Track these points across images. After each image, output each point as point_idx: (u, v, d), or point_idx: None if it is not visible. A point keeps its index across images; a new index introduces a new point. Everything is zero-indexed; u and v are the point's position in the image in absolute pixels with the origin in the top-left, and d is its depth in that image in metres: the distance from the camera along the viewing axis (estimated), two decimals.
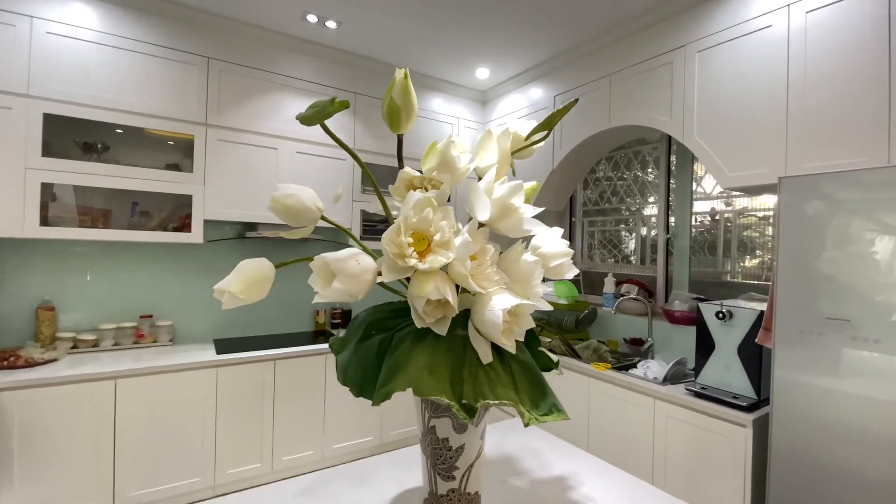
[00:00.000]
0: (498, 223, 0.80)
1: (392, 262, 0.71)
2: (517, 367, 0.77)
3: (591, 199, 3.40)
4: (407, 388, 0.67)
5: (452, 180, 0.81)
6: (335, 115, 2.82)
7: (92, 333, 2.30)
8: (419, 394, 0.66)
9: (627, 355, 2.65)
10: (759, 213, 2.50)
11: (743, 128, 1.93)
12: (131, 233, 2.25)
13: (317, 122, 0.60)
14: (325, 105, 0.57)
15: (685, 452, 1.89)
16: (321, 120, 0.60)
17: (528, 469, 1.09)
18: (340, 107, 0.58)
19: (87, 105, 2.11)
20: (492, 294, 0.73)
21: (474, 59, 2.87)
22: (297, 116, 0.61)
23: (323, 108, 0.57)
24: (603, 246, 3.33)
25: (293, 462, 2.47)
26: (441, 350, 0.73)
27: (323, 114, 0.58)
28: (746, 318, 1.82)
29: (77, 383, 1.92)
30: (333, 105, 0.57)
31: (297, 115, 0.61)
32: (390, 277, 0.70)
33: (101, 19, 2.16)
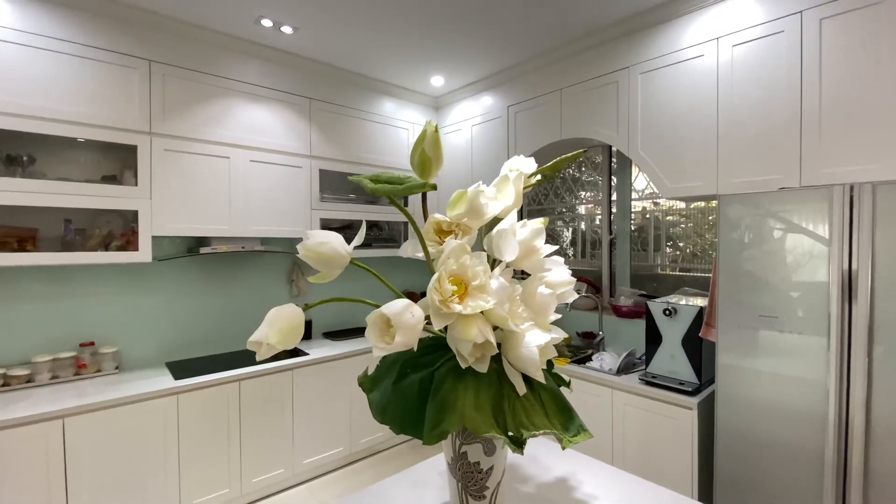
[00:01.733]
0: (521, 263, 0.87)
1: (438, 309, 0.76)
2: (546, 395, 0.85)
3: (534, 198, 3.60)
4: (461, 428, 0.73)
5: (478, 224, 0.87)
6: (290, 120, 2.72)
7: (24, 368, 2.05)
8: (477, 432, 0.73)
9: (581, 348, 2.87)
10: (682, 211, 2.82)
11: (681, 144, 2.17)
12: (67, 255, 2.04)
13: (399, 195, 0.63)
14: (414, 186, 0.60)
15: (640, 435, 2.12)
16: (402, 195, 0.62)
17: (532, 474, 1.19)
18: (431, 189, 0.61)
19: (8, 114, 1.86)
20: (524, 331, 0.81)
21: (429, 66, 2.90)
22: (367, 188, 0.64)
23: (409, 188, 0.60)
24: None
25: (263, 483, 2.40)
26: (483, 386, 0.80)
27: (407, 192, 0.60)
28: (689, 314, 2.07)
29: (18, 427, 1.72)
30: (425, 187, 0.60)
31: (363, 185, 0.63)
32: (440, 324, 0.74)
33: (20, 17, 1.90)
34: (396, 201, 0.71)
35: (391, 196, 0.67)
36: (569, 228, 3.42)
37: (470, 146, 3.27)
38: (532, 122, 2.86)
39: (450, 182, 3.44)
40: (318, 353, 2.69)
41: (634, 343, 2.72)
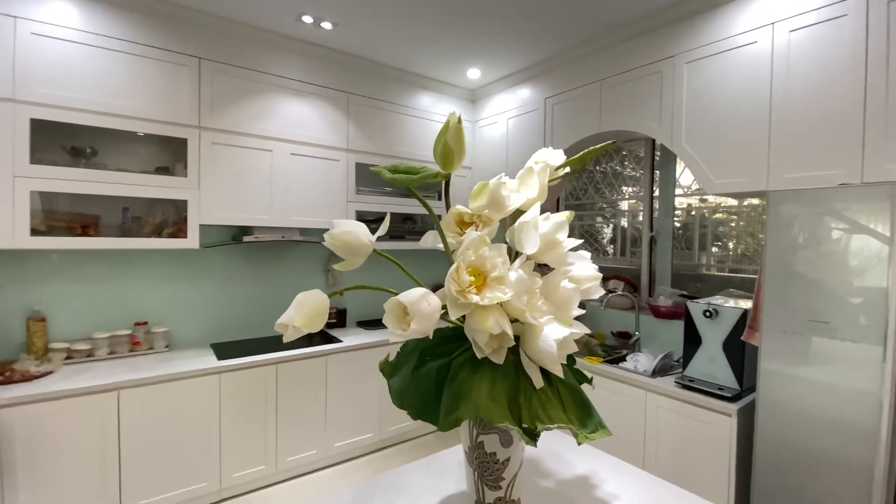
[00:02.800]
0: (543, 256, 0.86)
1: (454, 299, 0.76)
2: (564, 389, 0.84)
3: (572, 193, 3.52)
4: (475, 417, 0.74)
5: (500, 217, 0.87)
6: (329, 115, 2.80)
7: (86, 343, 2.24)
8: (490, 422, 0.73)
9: (615, 348, 2.80)
10: (731, 209, 2.67)
11: (728, 138, 2.05)
12: (124, 240, 2.20)
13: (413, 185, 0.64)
14: (427, 176, 0.61)
15: (674, 440, 2.04)
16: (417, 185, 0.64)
17: (553, 470, 1.18)
18: (443, 178, 0.62)
19: (74, 109, 2.03)
20: (543, 325, 0.80)
21: (466, 59, 2.89)
22: (386, 177, 0.65)
23: (423, 178, 0.61)
24: (583, 238, 3.46)
25: (297, 462, 2.51)
26: (499, 377, 0.80)
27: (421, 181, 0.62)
28: (731, 316, 1.97)
29: (79, 396, 1.89)
30: (438, 177, 0.61)
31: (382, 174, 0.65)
32: (457, 314, 0.75)
33: (85, 19, 2.06)
34: (414, 191, 0.72)
35: (407, 186, 0.68)
36: (609, 225, 3.32)
37: (506, 139, 3.24)
38: (570, 115, 2.79)
39: (485, 175, 3.43)
40: (352, 340, 2.77)
41: (672, 345, 2.62)
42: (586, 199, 3.43)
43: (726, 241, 2.73)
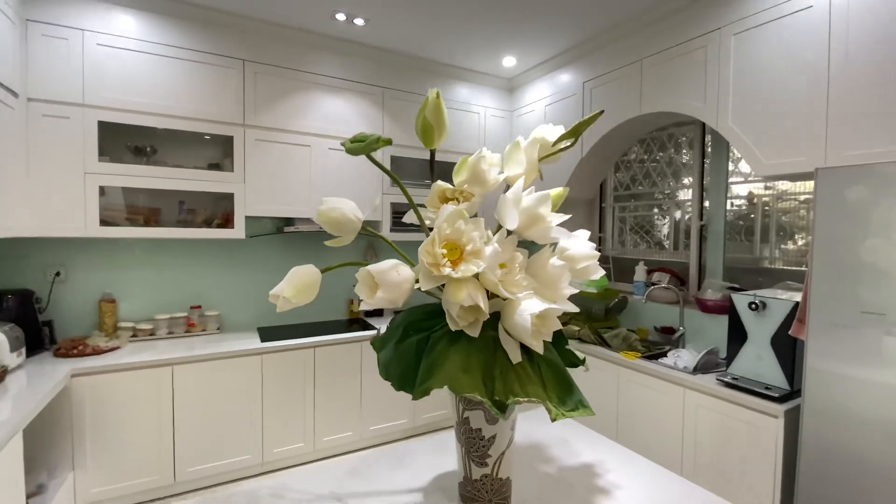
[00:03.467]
0: (526, 231, 0.85)
1: (428, 271, 0.77)
2: (545, 366, 0.82)
3: (622, 182, 3.35)
4: (444, 386, 0.74)
5: (483, 192, 0.86)
6: (364, 110, 2.89)
7: (149, 323, 2.49)
8: (455, 391, 0.73)
9: (658, 344, 2.65)
10: (800, 197, 2.42)
11: (780, 114, 1.87)
12: (179, 230, 2.41)
13: (362, 153, 0.67)
14: (372, 142, 0.63)
15: (715, 442, 1.91)
16: (366, 153, 0.66)
17: (557, 456, 1.15)
18: (385, 144, 0.64)
19: (135, 111, 2.26)
20: (521, 299, 0.79)
21: (501, 47, 2.85)
22: (345, 147, 0.68)
23: (369, 144, 0.63)
24: (634, 231, 3.29)
25: (333, 442, 2.63)
26: (474, 351, 0.80)
27: (365, 147, 0.64)
28: (781, 309, 1.80)
29: (139, 369, 2.11)
30: (379, 143, 0.63)
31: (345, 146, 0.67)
32: (427, 286, 0.76)
33: (143, 29, 2.28)
34: (376, 161, 0.73)
35: (355, 153, 0.70)
36: (665, 218, 3.13)
37: None
38: (609, 98, 2.67)
39: None
40: None
41: (719, 341, 2.44)
42: (636, 188, 3.26)
43: (793, 231, 2.48)
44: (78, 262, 2.42)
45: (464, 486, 0.94)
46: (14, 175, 1.96)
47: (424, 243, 0.76)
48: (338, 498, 0.96)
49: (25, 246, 2.31)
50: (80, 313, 2.42)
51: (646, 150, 3.15)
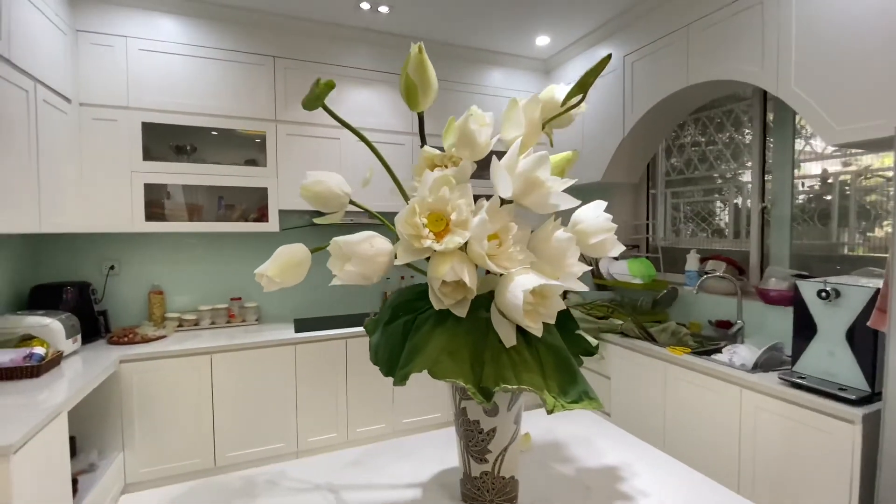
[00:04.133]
0: (524, 199, 0.75)
1: (407, 244, 0.70)
2: (545, 351, 0.72)
3: (675, 167, 3.09)
4: (423, 369, 0.67)
5: (473, 156, 0.78)
6: (394, 100, 2.86)
7: (193, 314, 2.61)
8: (434, 376, 0.66)
9: (713, 339, 2.41)
10: (888, 173, 2.08)
11: (853, 70, 1.60)
12: (218, 224, 2.50)
13: (315, 106, 0.61)
14: (314, 88, 0.57)
15: (778, 450, 1.68)
16: (318, 104, 0.60)
17: (577, 456, 1.04)
18: (327, 88, 0.57)
19: (174, 111, 2.36)
20: (514, 275, 0.69)
21: (533, 26, 2.71)
22: (302, 104, 0.62)
23: (314, 93, 0.57)
24: (690, 219, 3.02)
25: (366, 433, 2.63)
26: (461, 332, 0.71)
27: (315, 97, 0.58)
28: (858, 298, 1.55)
29: (180, 357, 2.21)
30: (320, 86, 0.57)
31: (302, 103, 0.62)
32: (405, 259, 0.69)
33: (179, 32, 2.38)
34: (328, 109, 0.67)
35: (309, 108, 0.63)
36: (726, 205, 2.83)
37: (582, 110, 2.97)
38: (652, 71, 2.46)
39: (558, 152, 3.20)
40: None
41: (784, 336, 2.17)
42: (694, 173, 2.98)
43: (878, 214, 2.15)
44: (130, 257, 2.58)
45: (464, 484, 0.86)
46: (68, 175, 2.11)
47: (402, 212, 0.69)
48: (333, 489, 0.91)
49: (84, 242, 2.50)
50: (131, 304, 2.58)
51: (702, 131, 2.87)
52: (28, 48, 1.76)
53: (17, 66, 1.69)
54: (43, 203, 1.88)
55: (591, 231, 0.84)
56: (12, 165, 1.68)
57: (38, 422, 1.37)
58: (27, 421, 1.37)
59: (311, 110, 0.64)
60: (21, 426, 1.33)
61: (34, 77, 1.81)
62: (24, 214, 1.75)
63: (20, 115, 1.72)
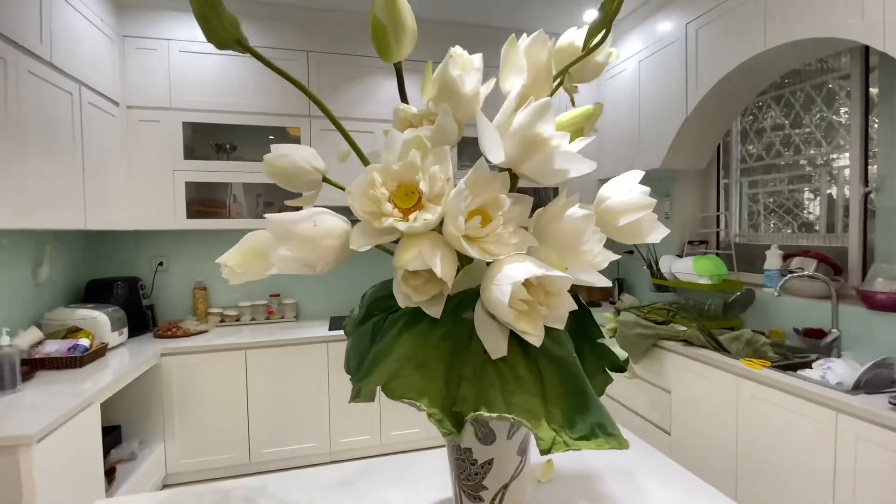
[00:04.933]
0: (521, 165, 0.57)
1: (366, 224, 0.55)
2: (548, 367, 0.54)
3: (752, 153, 2.69)
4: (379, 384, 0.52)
5: (458, 111, 0.61)
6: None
7: (234, 310, 2.66)
8: (389, 394, 0.50)
9: (799, 350, 2.03)
10: None
11: None
12: (257, 221, 2.52)
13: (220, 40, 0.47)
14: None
15: (887, 493, 1.33)
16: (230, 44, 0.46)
17: (611, 495, 0.84)
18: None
19: (214, 111, 2.40)
20: (503, 263, 0.52)
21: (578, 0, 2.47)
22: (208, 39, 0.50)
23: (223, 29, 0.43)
24: (773, 212, 2.61)
25: (400, 437, 2.53)
26: (436, 338, 0.55)
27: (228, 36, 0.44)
28: None
29: (215, 352, 2.23)
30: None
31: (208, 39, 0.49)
32: (361, 243, 0.54)
33: None
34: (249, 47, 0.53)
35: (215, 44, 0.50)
36: (816, 195, 2.41)
37: (637, 87, 2.67)
38: (720, 37, 2.12)
39: (614, 138, 2.91)
40: None
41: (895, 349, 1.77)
42: (772, 157, 2.58)
43: None
44: (177, 253, 2.67)
45: None
46: (115, 175, 2.20)
47: (358, 182, 0.55)
48: None
49: (135, 239, 2.62)
50: (178, 299, 2.67)
51: (785, 112, 2.45)
52: (72, 53, 1.84)
53: (61, 69, 1.76)
54: (88, 201, 1.96)
55: (621, 209, 0.65)
56: (57, 165, 1.76)
57: (64, 412, 1.39)
58: (56, 410, 1.39)
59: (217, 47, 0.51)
60: (49, 415, 1.35)
61: (78, 80, 1.88)
62: (70, 212, 1.83)
63: (64, 116, 1.80)
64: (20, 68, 1.52)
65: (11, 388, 1.54)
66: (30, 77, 1.57)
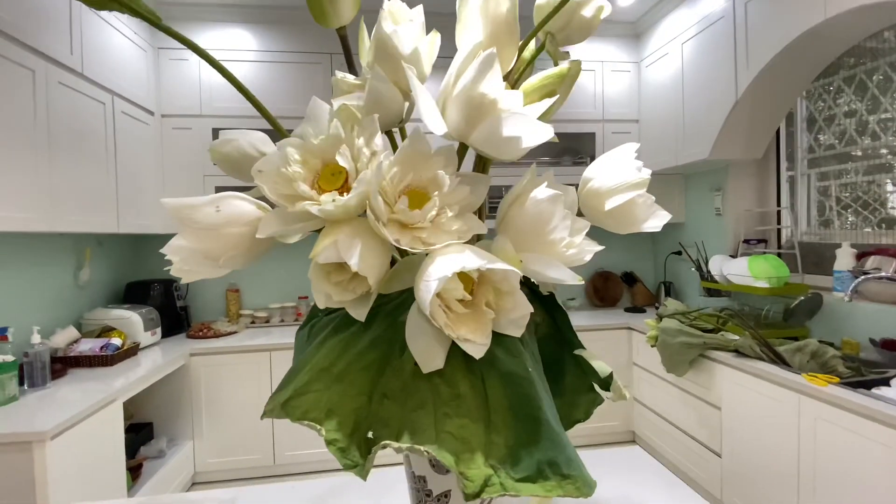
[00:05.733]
0: (469, 135, 0.47)
1: (281, 209, 0.47)
2: (497, 385, 0.44)
3: (821, 142, 2.37)
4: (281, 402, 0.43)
5: (397, 75, 0.52)
6: None
7: (265, 311, 2.70)
8: (290, 414, 0.41)
9: (876, 365, 1.74)
10: None
11: None
12: None
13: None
14: None
15: None
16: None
17: None
18: None
19: (241, 116, 2.45)
20: (437, 254, 0.42)
21: None
22: None
23: None
24: (847, 207, 2.29)
25: None
26: (362, 345, 0.46)
27: None
28: None
29: (240, 353, 2.26)
30: None
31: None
32: (270, 229, 0.46)
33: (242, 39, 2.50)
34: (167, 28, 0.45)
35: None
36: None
37: (680, 73, 2.44)
38: (773, 9, 1.88)
39: (653, 127, 2.68)
40: None
41: None
42: (849, 146, 2.25)
43: None
44: None
45: None
46: (149, 181, 2.30)
47: (269, 159, 0.47)
48: None
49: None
50: (211, 301, 2.75)
51: (860, 94, 2.13)
52: (105, 64, 1.93)
53: (93, 79, 1.85)
54: (121, 205, 2.05)
55: (607, 189, 0.53)
56: (89, 171, 1.84)
57: (81, 409, 1.42)
58: (75, 408, 1.43)
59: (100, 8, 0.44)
60: (66, 412, 1.39)
61: (111, 90, 1.97)
62: (102, 216, 1.91)
63: (97, 125, 1.89)
64: (50, 79, 1.61)
65: (42, 384, 1.61)
66: (60, 87, 1.66)
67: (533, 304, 0.56)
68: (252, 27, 2.49)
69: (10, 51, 1.44)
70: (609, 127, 2.79)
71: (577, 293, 3.11)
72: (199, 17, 2.42)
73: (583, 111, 2.77)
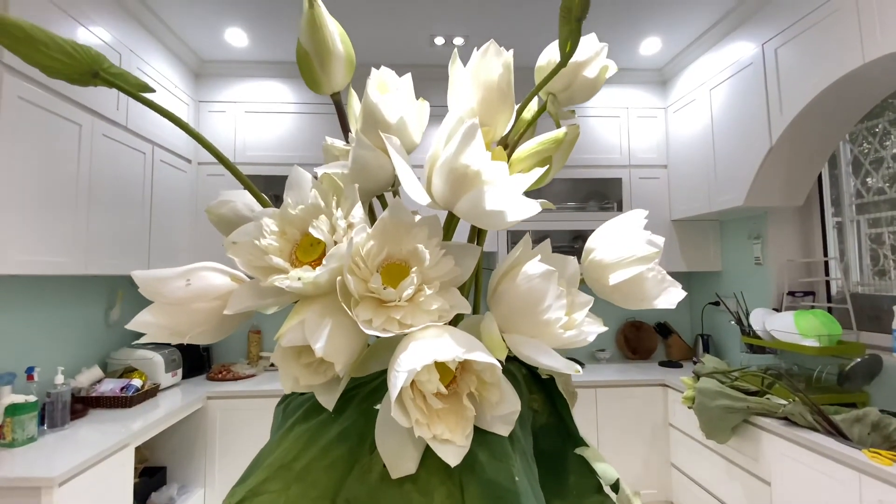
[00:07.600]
0: (457, 205, 0.44)
1: (254, 280, 0.45)
2: (478, 496, 0.37)
3: (870, 186, 2.23)
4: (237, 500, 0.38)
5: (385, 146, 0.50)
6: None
7: None
8: None
9: None
10: None
11: None
12: None
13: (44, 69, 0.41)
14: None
15: None
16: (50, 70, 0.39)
17: None
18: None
19: (272, 164, 2.55)
20: (411, 338, 0.38)
21: (636, 28, 2.31)
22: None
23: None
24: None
25: None
26: (329, 437, 0.41)
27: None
28: None
29: (254, 398, 2.23)
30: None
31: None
32: (240, 304, 0.43)
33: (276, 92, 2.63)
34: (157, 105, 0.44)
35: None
36: None
37: (710, 119, 2.38)
38: (805, 55, 1.82)
39: (683, 177, 2.60)
40: None
41: None
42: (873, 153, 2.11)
43: None
44: None
45: None
46: (182, 226, 2.40)
47: (244, 229, 0.45)
48: None
49: None
50: (233, 342, 2.77)
51: None
52: (147, 117, 2.07)
53: (135, 132, 1.98)
54: (153, 249, 2.12)
55: (611, 262, 0.48)
56: (125, 216, 1.93)
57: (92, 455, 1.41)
58: (87, 452, 1.42)
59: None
60: (77, 457, 1.38)
61: (152, 141, 2.10)
62: (133, 259, 1.99)
63: (136, 173, 2.00)
64: (95, 132, 1.72)
65: (61, 425, 1.62)
66: (104, 139, 1.78)
67: (531, 388, 0.50)
68: (289, 81, 2.63)
69: (59, 107, 1.57)
70: (636, 172, 2.73)
71: (608, 344, 2.95)
72: (235, 73, 2.59)
73: (609, 157, 2.73)
